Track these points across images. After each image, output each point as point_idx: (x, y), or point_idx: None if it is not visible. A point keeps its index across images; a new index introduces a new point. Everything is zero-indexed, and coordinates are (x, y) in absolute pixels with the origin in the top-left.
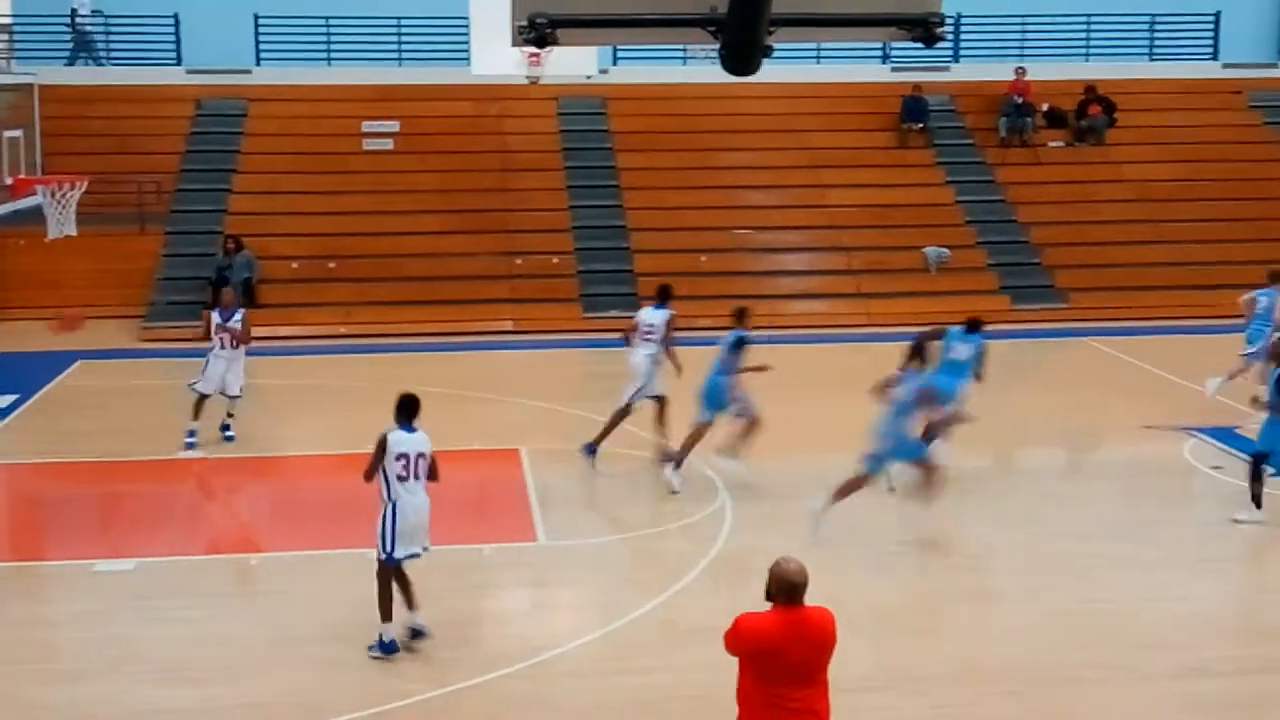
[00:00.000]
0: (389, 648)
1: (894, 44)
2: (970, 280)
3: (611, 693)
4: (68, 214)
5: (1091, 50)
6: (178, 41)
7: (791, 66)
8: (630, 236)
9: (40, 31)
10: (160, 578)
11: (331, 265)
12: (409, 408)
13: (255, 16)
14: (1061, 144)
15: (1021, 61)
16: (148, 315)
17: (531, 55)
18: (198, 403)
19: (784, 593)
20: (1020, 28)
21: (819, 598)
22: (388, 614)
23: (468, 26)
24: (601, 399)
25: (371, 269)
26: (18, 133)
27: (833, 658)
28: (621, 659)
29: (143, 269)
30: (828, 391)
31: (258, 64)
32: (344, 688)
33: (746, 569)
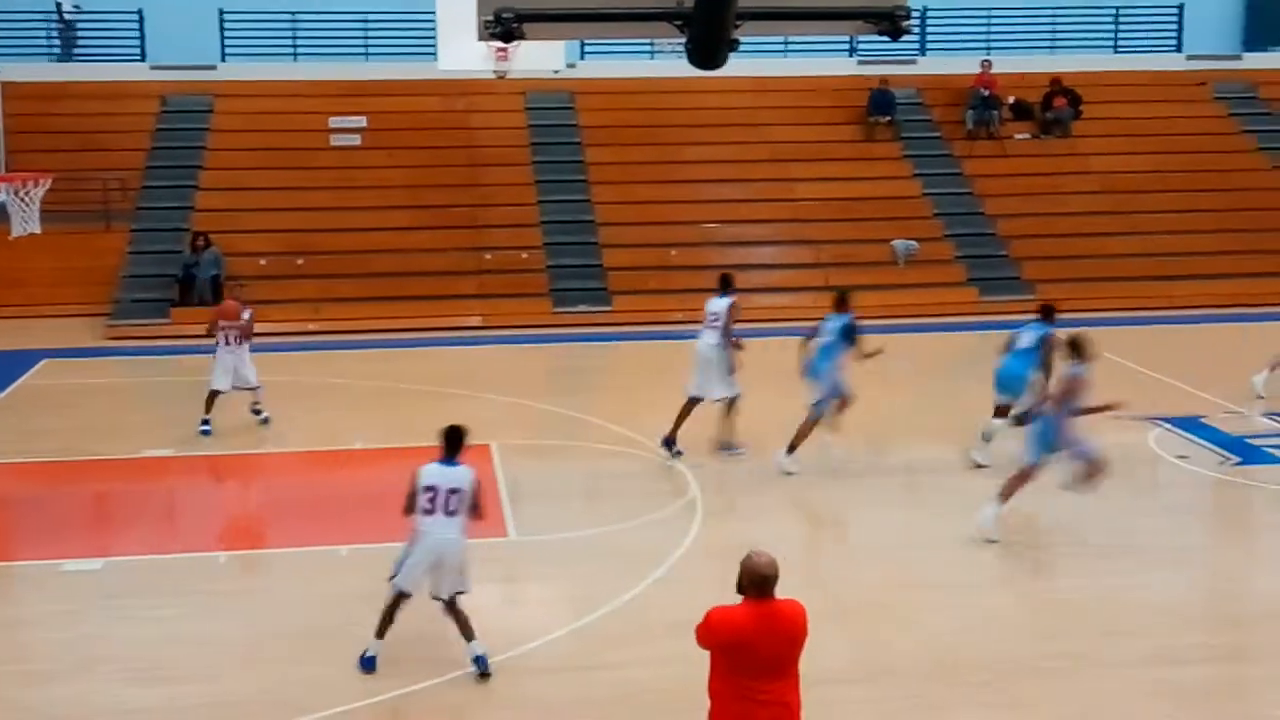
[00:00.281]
0: (365, 663)
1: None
2: (938, 272)
3: (584, 687)
4: (32, 212)
5: (1057, 43)
6: (142, 38)
7: (759, 60)
8: (599, 231)
9: (3, 26)
10: (129, 577)
11: (299, 262)
12: (449, 440)
13: (220, 12)
14: (1027, 136)
15: (987, 54)
16: (113, 313)
17: (499, 50)
18: (210, 397)
19: (755, 586)
20: (986, 21)
21: (794, 589)
22: (379, 630)
23: (434, 21)
24: (571, 394)
25: (339, 265)
26: None
27: (806, 650)
28: (593, 654)
29: (108, 266)
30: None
31: (223, 60)
32: (315, 686)
33: (718, 562)
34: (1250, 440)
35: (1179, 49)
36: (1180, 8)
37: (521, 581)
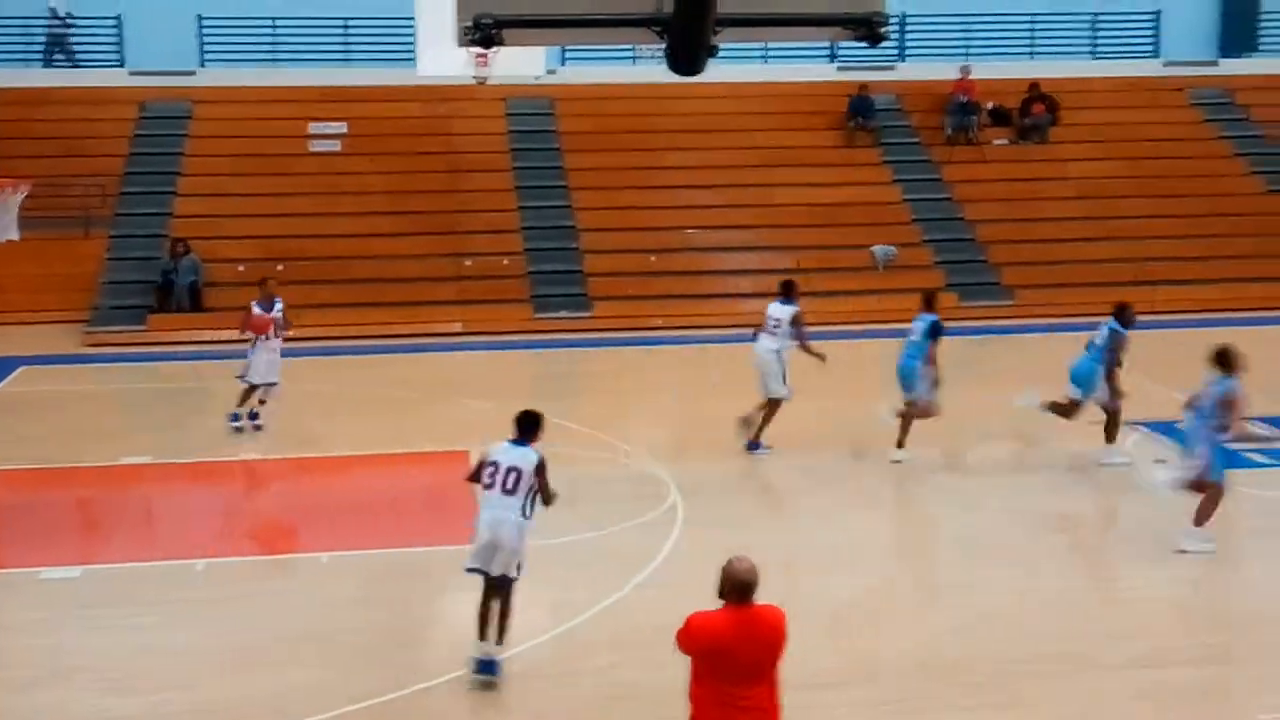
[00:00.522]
0: (485, 667)
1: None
2: (917, 278)
3: (565, 692)
4: (10, 218)
5: (1035, 49)
6: (120, 43)
7: (739, 66)
8: (580, 237)
9: None
10: (107, 585)
11: (279, 268)
12: (519, 423)
13: (199, 18)
14: (1006, 142)
15: (966, 60)
16: (92, 319)
17: (479, 56)
18: (245, 393)
19: (735, 591)
20: (964, 27)
21: (776, 594)
22: (479, 630)
23: (414, 27)
24: (552, 399)
25: (319, 271)
26: None
27: (789, 654)
28: (575, 659)
29: (87, 273)
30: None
31: (202, 65)
32: (297, 692)
33: (699, 567)
34: (1229, 444)
35: (1156, 55)
36: (1157, 15)
37: None
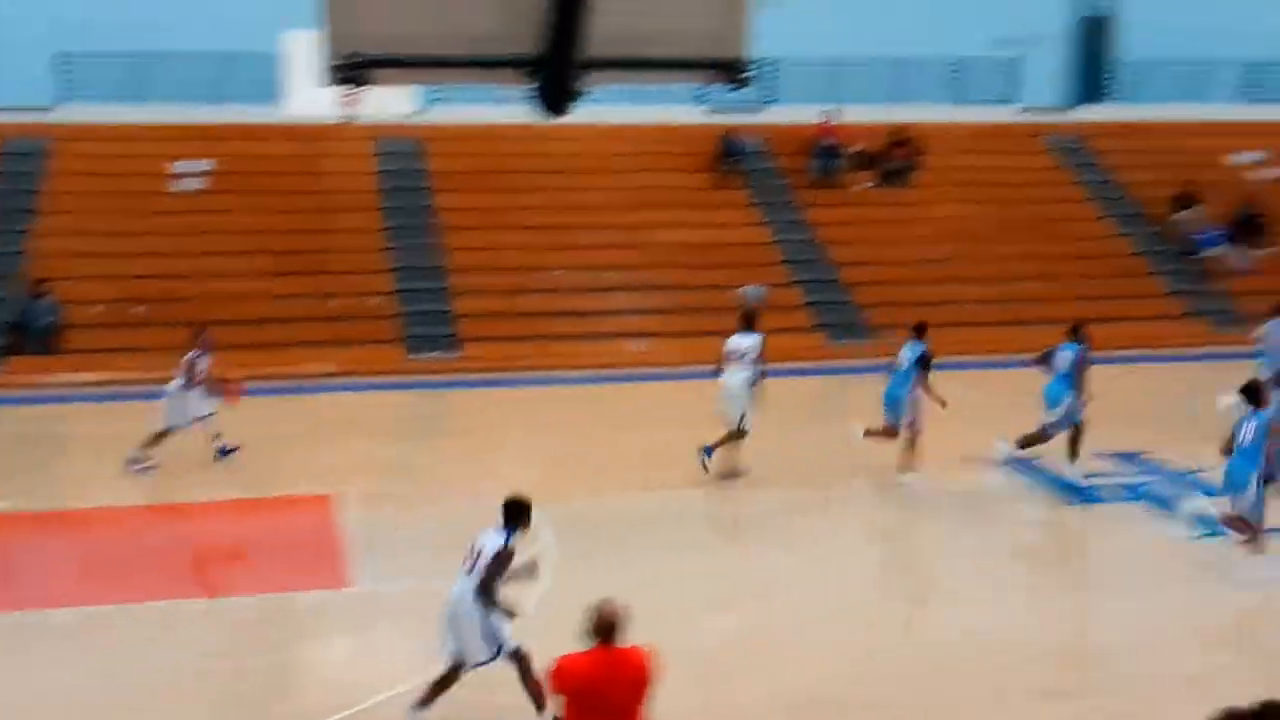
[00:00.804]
0: None
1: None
2: (786, 318)
3: None
4: None
5: (898, 94)
6: None
7: (610, 107)
8: (450, 277)
9: None
10: None
11: (141, 309)
12: (504, 508)
13: (59, 54)
14: (870, 185)
15: (832, 104)
16: None
17: (347, 95)
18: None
19: (602, 633)
20: (831, 72)
21: (646, 634)
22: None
23: (282, 65)
24: (423, 439)
25: (185, 312)
26: None
27: (658, 696)
28: (442, 703)
29: None
30: (650, 429)
31: (63, 101)
32: None
33: (567, 609)
34: (1085, 480)
35: (1013, 102)
36: (1014, 62)
37: (370, 632)
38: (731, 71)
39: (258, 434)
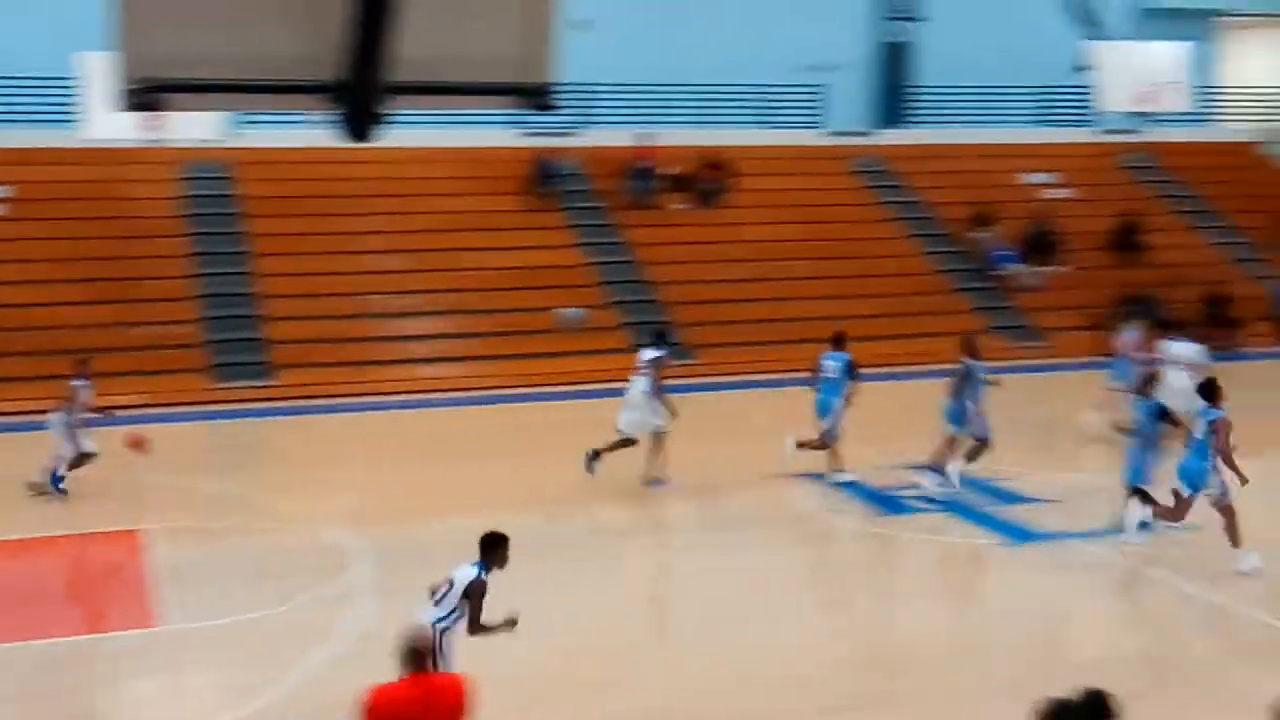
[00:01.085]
0: None
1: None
2: (605, 339)
3: None
4: None
5: (710, 118)
6: None
7: (423, 131)
8: (261, 304)
9: None
10: None
11: None
12: (480, 543)
13: None
14: (684, 207)
15: (646, 128)
16: None
17: (149, 119)
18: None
19: (411, 662)
20: (645, 96)
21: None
22: None
23: (80, 88)
24: (234, 470)
25: None
26: None
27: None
28: None
29: None
30: (468, 455)
31: None
32: None
33: (380, 640)
34: (893, 493)
35: (820, 126)
36: (821, 88)
37: (179, 672)
38: (538, 96)
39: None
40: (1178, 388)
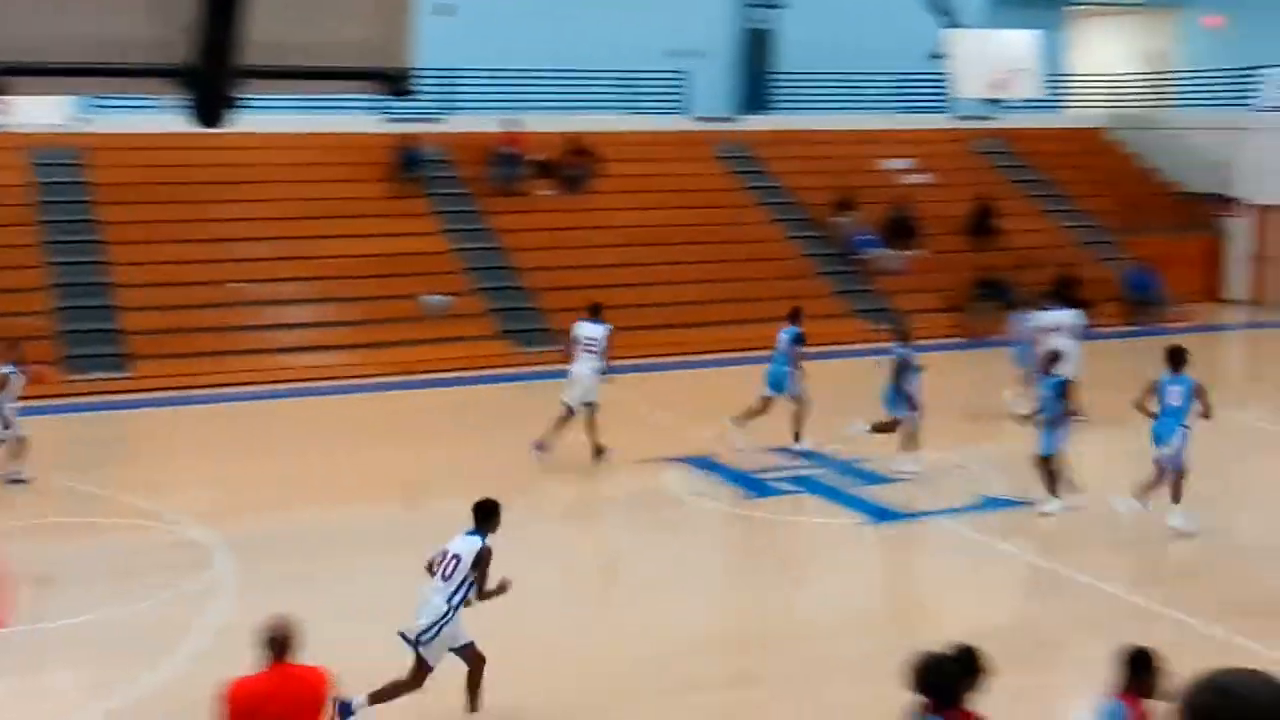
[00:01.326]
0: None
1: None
2: (471, 326)
3: None
4: None
5: (576, 103)
6: None
7: (285, 116)
8: (116, 293)
9: None
10: None
11: None
12: (475, 511)
13: None
14: (550, 193)
15: (511, 113)
16: None
17: None
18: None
19: (270, 650)
20: (510, 81)
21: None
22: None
23: None
24: (89, 465)
25: None
26: None
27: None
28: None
29: None
30: (334, 444)
31: None
32: None
33: (242, 634)
34: (758, 475)
35: (685, 112)
36: (685, 75)
37: (38, 671)
38: (397, 81)
39: None
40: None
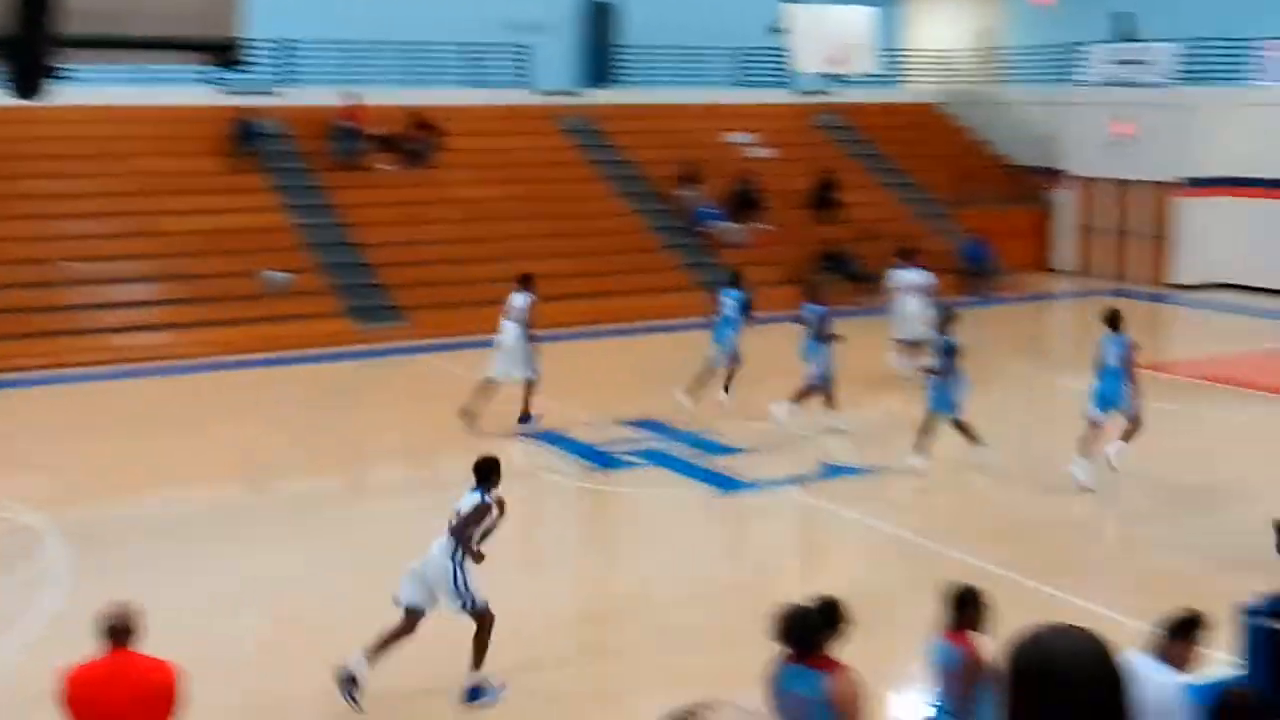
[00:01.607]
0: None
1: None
2: (313, 304)
3: None
4: None
5: (417, 77)
6: None
7: (115, 88)
8: None
9: None
10: None
11: None
12: (475, 468)
13: None
14: (393, 167)
15: (352, 86)
16: None
17: None
18: None
19: (107, 637)
20: (349, 53)
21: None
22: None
23: None
24: None
25: None
26: None
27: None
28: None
29: None
30: (172, 426)
31: None
32: None
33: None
34: (605, 448)
35: (528, 85)
36: (528, 48)
37: None
38: (224, 52)
39: None
40: (911, 312)
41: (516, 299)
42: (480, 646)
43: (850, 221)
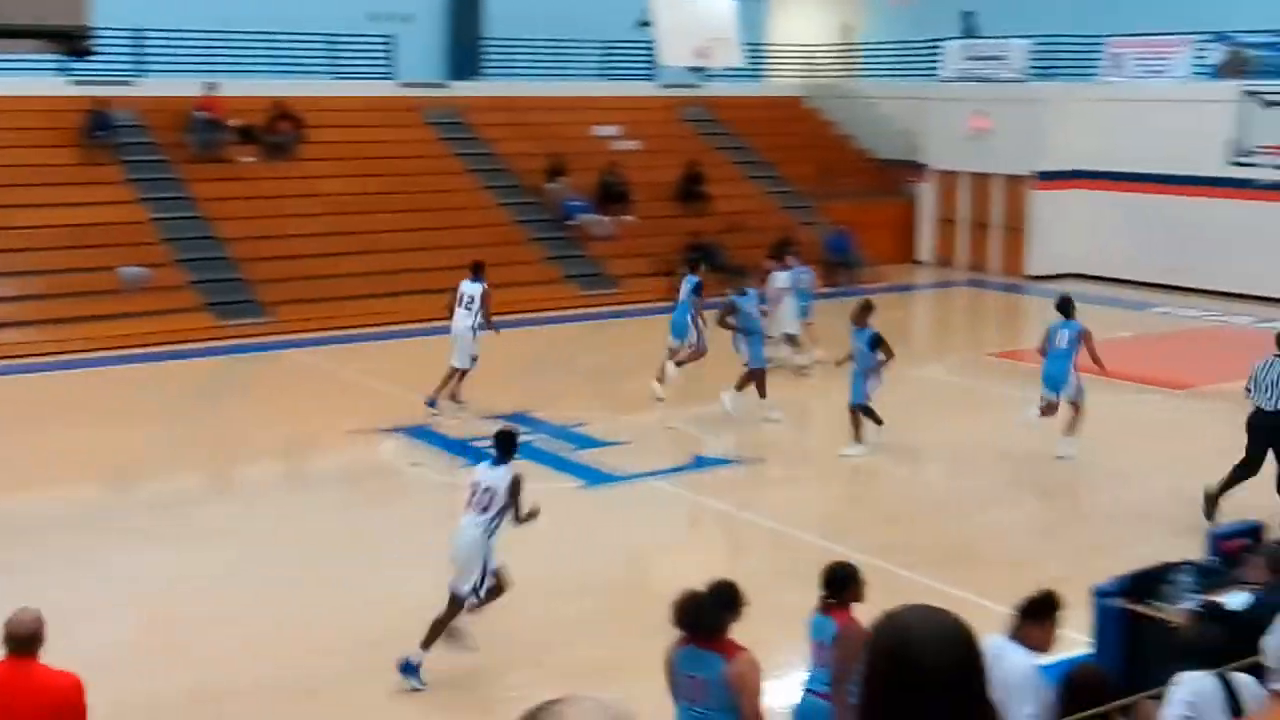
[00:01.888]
0: (407, 670)
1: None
2: (172, 299)
3: None
4: None
5: (278, 68)
6: None
7: None
8: None
9: None
10: None
11: None
12: (497, 443)
13: None
14: (254, 160)
15: (211, 77)
16: None
17: None
18: None
19: (6, 644)
20: (208, 43)
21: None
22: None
23: None
24: None
25: None
26: None
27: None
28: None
29: None
30: (27, 426)
31: None
32: None
33: None
34: (474, 443)
35: (392, 77)
36: (391, 39)
37: None
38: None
39: None
40: (789, 308)
41: (469, 287)
42: (438, 629)
43: (716, 214)
